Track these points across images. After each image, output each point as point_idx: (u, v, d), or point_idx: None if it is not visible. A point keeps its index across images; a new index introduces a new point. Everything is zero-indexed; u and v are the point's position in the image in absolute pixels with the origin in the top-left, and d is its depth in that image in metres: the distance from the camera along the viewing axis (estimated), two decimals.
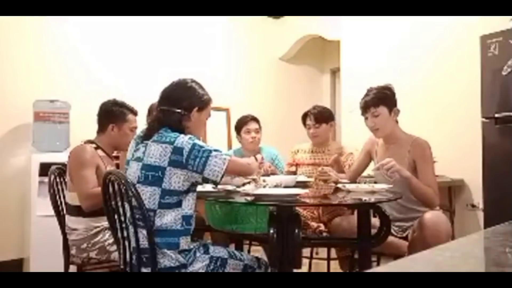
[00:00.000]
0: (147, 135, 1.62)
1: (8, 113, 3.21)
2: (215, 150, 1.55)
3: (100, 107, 2.24)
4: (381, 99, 2.13)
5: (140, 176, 1.56)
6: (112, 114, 2.19)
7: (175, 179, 1.53)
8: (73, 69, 3.54)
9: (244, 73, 4.80)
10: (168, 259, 1.53)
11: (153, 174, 1.54)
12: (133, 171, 1.60)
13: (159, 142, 1.56)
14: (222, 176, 1.54)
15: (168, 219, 1.53)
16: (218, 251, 1.66)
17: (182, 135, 1.56)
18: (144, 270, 1.54)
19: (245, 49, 4.82)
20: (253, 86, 4.87)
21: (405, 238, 2.11)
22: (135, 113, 2.27)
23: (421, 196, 2.02)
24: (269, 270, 1.75)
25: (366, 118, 2.18)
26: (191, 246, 1.59)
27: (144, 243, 1.53)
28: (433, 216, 1.91)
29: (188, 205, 1.59)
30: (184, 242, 1.56)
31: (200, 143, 1.55)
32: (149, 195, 1.54)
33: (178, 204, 1.56)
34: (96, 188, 1.94)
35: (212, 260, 1.60)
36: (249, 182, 2.00)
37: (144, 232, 1.52)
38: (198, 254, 1.59)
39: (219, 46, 4.60)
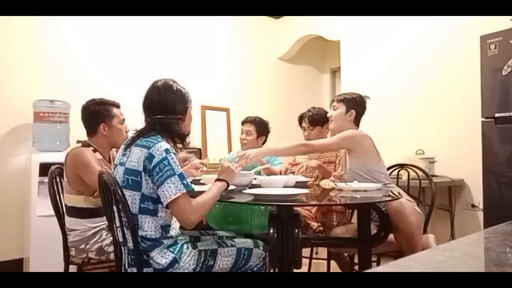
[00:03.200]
0: (134, 140, 1.62)
1: (8, 113, 3.21)
2: (179, 175, 1.49)
3: (83, 110, 2.20)
4: (345, 98, 2.39)
5: (123, 181, 1.57)
6: (98, 114, 2.17)
7: (148, 185, 1.53)
8: (73, 69, 3.54)
9: (244, 73, 4.80)
10: (156, 257, 1.54)
11: (132, 179, 1.54)
12: (118, 176, 1.60)
13: (140, 146, 1.56)
14: (170, 203, 1.47)
15: (147, 227, 1.53)
16: (206, 244, 1.66)
17: (162, 143, 1.53)
18: (133, 269, 1.55)
19: (245, 49, 4.82)
20: (253, 86, 4.87)
21: None
22: (117, 106, 2.25)
23: (289, 150, 2.30)
24: (266, 252, 1.75)
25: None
26: (178, 240, 1.60)
27: (131, 244, 1.54)
28: (395, 204, 1.96)
29: (163, 215, 1.57)
30: (167, 244, 1.56)
31: (172, 160, 1.50)
32: (131, 199, 1.54)
33: (155, 213, 1.55)
34: None
35: (201, 253, 1.61)
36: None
37: (129, 232, 1.54)
38: (185, 249, 1.59)
39: (219, 46, 4.60)
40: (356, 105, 2.37)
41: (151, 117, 1.64)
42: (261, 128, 3.00)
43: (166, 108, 1.63)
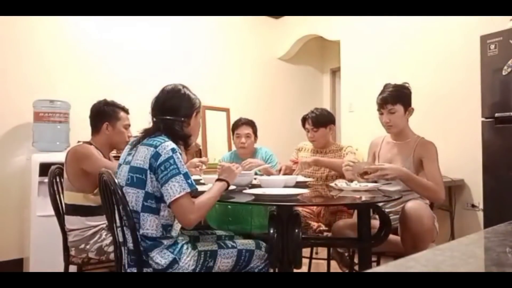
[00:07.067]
0: (140, 140, 1.63)
1: (8, 113, 3.21)
2: (184, 175, 1.51)
3: (92, 108, 2.26)
4: (399, 97, 2.17)
5: (127, 179, 1.58)
6: (105, 113, 2.22)
7: (153, 184, 1.54)
8: (73, 69, 3.54)
9: (244, 73, 4.80)
10: (156, 257, 1.54)
11: (137, 176, 1.55)
12: (122, 174, 1.62)
13: (146, 144, 1.57)
14: (173, 202, 1.48)
15: (149, 225, 1.54)
16: (206, 245, 1.67)
17: (168, 142, 1.55)
18: (133, 269, 1.55)
19: (245, 49, 4.82)
20: (253, 86, 4.88)
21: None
22: (126, 111, 2.31)
23: (421, 188, 2.02)
24: (267, 253, 1.75)
25: (381, 114, 2.22)
26: (178, 241, 1.60)
27: (130, 244, 1.55)
28: (414, 205, 1.92)
29: (165, 215, 1.57)
30: (167, 244, 1.57)
31: (178, 159, 1.52)
32: (135, 197, 1.55)
33: (157, 211, 1.56)
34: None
35: (201, 254, 1.62)
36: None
37: (129, 232, 1.54)
38: (185, 250, 1.59)
39: (219, 46, 4.60)
40: (409, 99, 2.20)
41: (156, 117, 1.67)
42: (255, 127, 2.98)
43: (171, 109, 1.66)
